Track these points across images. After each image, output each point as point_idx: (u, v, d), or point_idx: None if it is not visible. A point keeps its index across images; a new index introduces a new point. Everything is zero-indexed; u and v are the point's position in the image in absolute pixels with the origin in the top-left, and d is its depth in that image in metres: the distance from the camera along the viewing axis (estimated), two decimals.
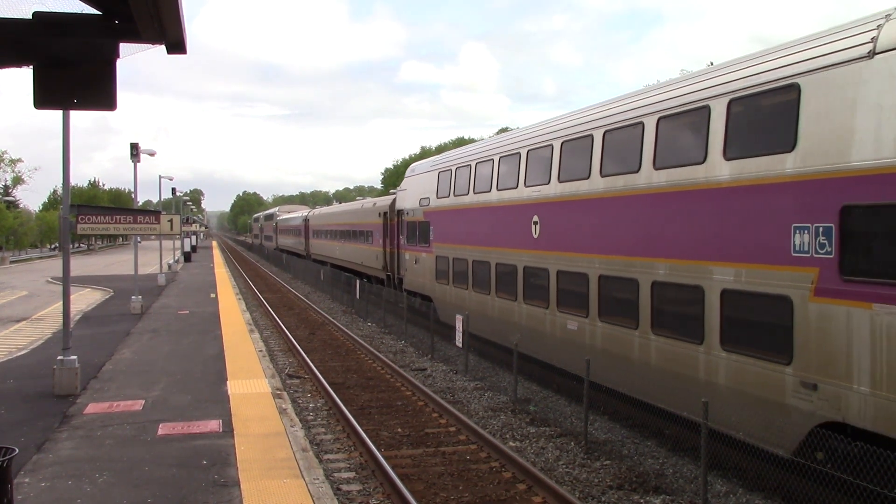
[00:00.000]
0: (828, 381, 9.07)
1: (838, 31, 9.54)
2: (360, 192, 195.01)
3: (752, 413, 10.02)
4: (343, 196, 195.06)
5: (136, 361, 18.57)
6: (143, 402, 14.08)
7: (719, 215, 10.97)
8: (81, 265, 70.49)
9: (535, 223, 16.64)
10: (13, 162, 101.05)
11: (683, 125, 12.05)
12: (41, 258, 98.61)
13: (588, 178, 14.48)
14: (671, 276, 11.99)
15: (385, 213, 34.18)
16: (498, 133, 63.07)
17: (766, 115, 10.43)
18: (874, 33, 8.87)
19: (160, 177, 52.30)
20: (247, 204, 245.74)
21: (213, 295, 36.95)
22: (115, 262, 77.67)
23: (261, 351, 20.21)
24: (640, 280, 12.73)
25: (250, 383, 15.71)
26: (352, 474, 11.30)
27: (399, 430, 13.77)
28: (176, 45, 5.41)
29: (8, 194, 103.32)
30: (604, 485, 10.89)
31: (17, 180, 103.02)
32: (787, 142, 9.76)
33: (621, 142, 13.55)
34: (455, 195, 21.95)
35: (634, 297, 12.81)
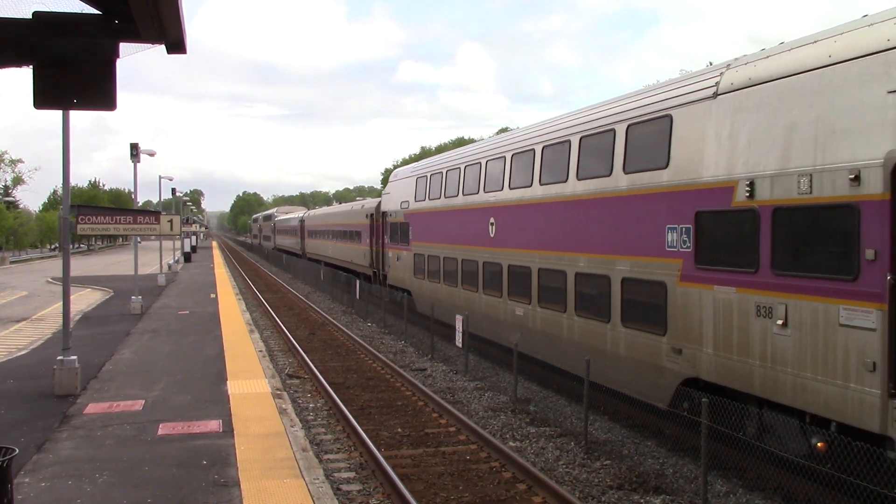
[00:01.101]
0: (688, 346, 11.59)
1: (699, 74, 12.08)
2: (360, 192, 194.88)
3: (642, 375, 12.67)
4: (343, 196, 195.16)
5: (136, 361, 18.57)
6: (143, 402, 14.08)
7: (620, 218, 13.47)
8: (81, 265, 70.50)
9: (492, 224, 19.21)
10: (13, 162, 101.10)
11: (598, 144, 14.35)
12: (41, 258, 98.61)
13: (531, 186, 17.05)
14: (588, 268, 14.49)
15: (371, 215, 36.53)
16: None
17: (651, 138, 12.74)
18: (718, 79, 11.31)
19: (160, 177, 52.39)
20: (247, 204, 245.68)
21: (213, 295, 36.95)
22: (115, 263, 77.67)
23: (261, 351, 20.22)
24: (567, 271, 15.23)
25: (250, 383, 15.72)
26: (352, 474, 11.30)
27: (399, 430, 13.78)
28: (176, 44, 5.41)
29: (8, 194, 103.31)
30: (604, 485, 10.89)
31: (18, 180, 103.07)
32: (663, 160, 12.24)
33: (555, 156, 15.98)
34: (430, 199, 24.54)
35: (563, 286, 15.36)
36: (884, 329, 8.41)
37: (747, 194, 10.42)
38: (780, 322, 9.77)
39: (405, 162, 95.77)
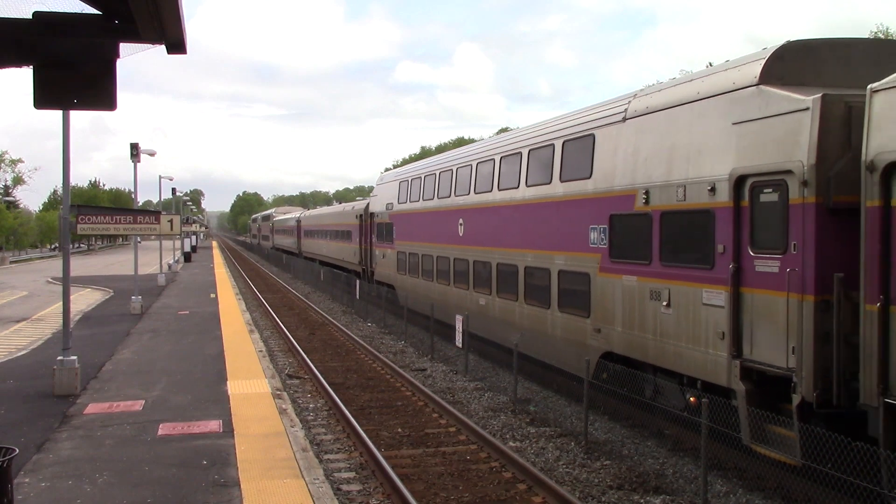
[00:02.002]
0: (605, 325, 13.98)
1: (615, 101, 14.44)
2: (360, 192, 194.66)
3: (572, 352, 14.98)
4: (342, 196, 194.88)
5: (136, 361, 18.57)
6: (143, 402, 14.08)
7: (557, 219, 15.83)
8: (81, 265, 70.50)
9: (461, 224, 21.51)
10: (13, 162, 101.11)
11: (542, 156, 16.70)
12: (41, 258, 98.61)
13: (491, 191, 19.45)
14: (534, 262, 16.78)
15: (360, 216, 38.53)
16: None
17: (580, 153, 14.98)
18: (626, 105, 13.68)
19: (160, 177, 52.39)
20: (247, 204, 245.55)
21: (213, 295, 36.96)
22: (115, 263, 77.67)
23: (261, 351, 20.22)
24: (518, 265, 17.56)
25: (250, 383, 15.72)
26: (352, 474, 11.30)
27: (399, 430, 13.78)
28: (176, 44, 5.42)
29: (8, 194, 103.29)
30: (604, 485, 10.89)
31: (18, 180, 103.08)
32: (588, 171, 14.59)
33: (510, 166, 18.45)
34: (411, 201, 26.88)
35: (515, 278, 17.68)
36: (729, 306, 10.69)
37: (644, 201, 12.78)
38: (664, 304, 12.19)
39: (405, 161, 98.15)
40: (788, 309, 9.80)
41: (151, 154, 34.70)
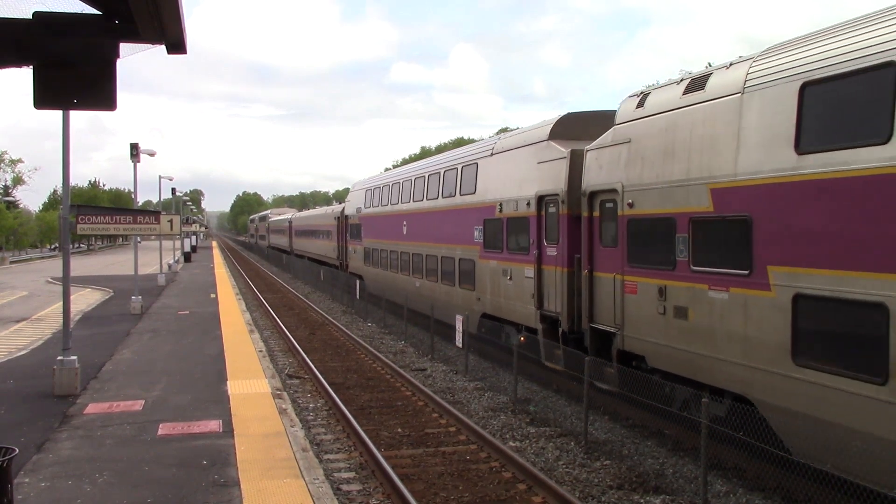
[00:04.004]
0: (483, 294, 19.97)
1: (490, 140, 21.51)
2: None
3: (467, 315, 20.04)
4: (342, 196, 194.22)
5: (136, 361, 18.57)
6: (143, 402, 14.08)
7: (458, 222, 21.83)
8: (81, 265, 70.47)
9: (405, 226, 27.44)
10: (13, 162, 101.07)
11: (451, 176, 22.95)
12: (41, 258, 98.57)
13: (422, 200, 25.58)
14: (446, 253, 22.95)
15: (338, 217, 44.45)
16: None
17: (471, 175, 21.20)
18: (493, 145, 20.20)
19: (160, 177, 52.31)
20: (247, 204, 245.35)
21: (212, 295, 36.95)
22: (115, 263, 77.65)
23: (261, 351, 20.21)
24: (437, 256, 23.72)
25: (250, 383, 15.72)
26: (352, 474, 11.30)
27: (399, 430, 13.78)
28: (176, 44, 5.41)
29: (8, 194, 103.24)
30: (604, 485, 10.89)
31: (18, 180, 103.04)
32: (474, 188, 20.84)
33: (433, 182, 24.52)
34: (373, 207, 33.09)
35: (436, 265, 23.79)
36: (535, 277, 16.75)
37: (499, 209, 18.86)
38: (508, 278, 18.35)
39: (405, 161, 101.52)
40: (557, 277, 15.93)
41: (151, 154, 34.66)
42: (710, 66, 12.14)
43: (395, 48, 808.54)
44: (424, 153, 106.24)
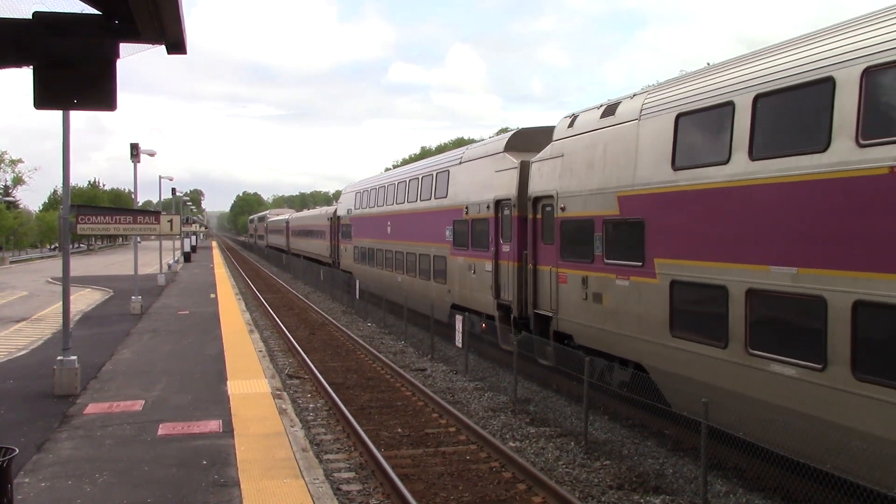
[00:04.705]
0: (453, 287, 22.50)
1: (460, 150, 23.95)
2: None
3: (440, 306, 23.14)
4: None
5: (136, 361, 18.57)
6: (143, 402, 14.08)
7: (433, 223, 24.33)
8: (81, 265, 70.45)
9: (389, 226, 30.02)
10: (13, 162, 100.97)
11: (427, 182, 25.53)
12: (41, 258, 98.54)
13: (403, 203, 28.34)
14: (423, 251, 25.46)
15: (331, 218, 47.88)
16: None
17: (444, 181, 23.68)
18: (462, 154, 22.81)
19: (160, 177, 52.28)
20: (247, 204, 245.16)
21: (212, 295, 36.95)
22: (115, 263, 77.64)
23: (261, 351, 20.21)
24: (415, 252, 26.34)
25: (250, 383, 15.72)
26: (352, 474, 11.31)
27: (399, 430, 13.78)
28: (176, 45, 5.41)
29: (8, 194, 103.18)
30: (604, 485, 10.89)
31: (18, 180, 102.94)
32: (446, 193, 23.33)
33: (413, 185, 27.32)
34: (361, 208, 36.09)
35: (415, 261, 26.44)
36: (493, 271, 19.27)
37: (465, 212, 21.35)
38: (472, 272, 20.85)
39: (405, 161, 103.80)
40: (509, 271, 18.42)
41: (151, 154, 34.64)
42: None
43: (393, 48, 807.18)
44: (425, 153, 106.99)
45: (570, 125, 15.75)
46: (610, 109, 14.33)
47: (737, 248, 10.60)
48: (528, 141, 18.94)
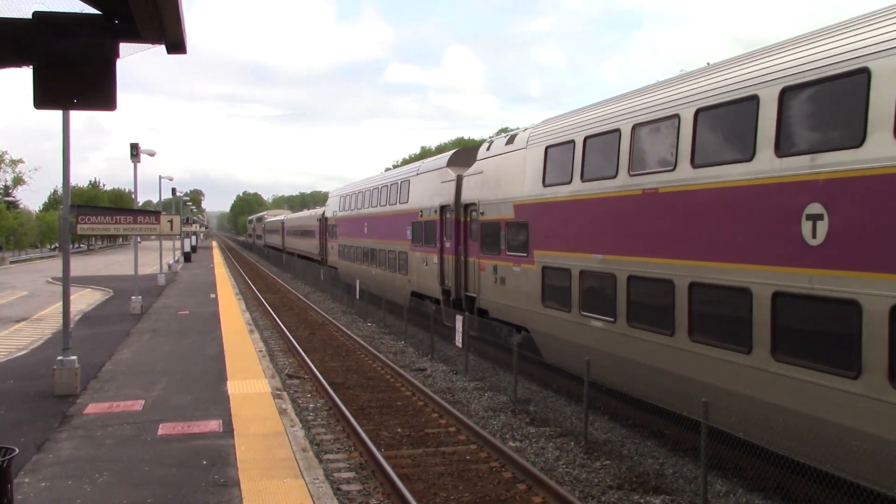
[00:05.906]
0: (412, 278, 26.68)
1: (416, 164, 28.67)
2: None
3: (402, 294, 27.72)
4: None
5: (136, 361, 18.57)
6: (143, 402, 14.08)
7: (395, 224, 28.70)
8: (81, 265, 70.45)
9: (366, 226, 34.30)
10: (14, 162, 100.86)
11: (394, 189, 29.66)
12: (41, 258, 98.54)
13: (375, 206, 32.60)
14: (390, 248, 29.61)
15: (320, 219, 53.03)
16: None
17: (405, 189, 27.90)
18: (419, 167, 27.50)
19: (160, 177, 52.27)
20: (247, 204, 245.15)
21: (212, 295, 36.95)
22: (115, 263, 77.64)
23: (261, 351, 20.21)
24: (386, 249, 30.29)
25: (250, 383, 15.72)
26: (352, 474, 11.31)
27: (399, 430, 13.78)
28: (176, 44, 5.40)
29: (8, 194, 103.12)
30: (604, 485, 10.89)
31: (18, 181, 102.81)
32: (407, 199, 27.49)
33: (384, 191, 31.20)
34: (344, 210, 40.26)
35: (385, 257, 30.45)
36: (440, 263, 23.37)
37: (421, 215, 25.35)
38: (426, 264, 24.68)
39: (405, 161, 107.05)
40: (450, 262, 22.65)
41: (151, 154, 34.64)
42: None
43: (391, 49, 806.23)
44: (425, 153, 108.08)
45: (488, 149, 20.34)
46: (511, 139, 18.75)
47: (575, 242, 14.96)
48: (467, 158, 22.84)
